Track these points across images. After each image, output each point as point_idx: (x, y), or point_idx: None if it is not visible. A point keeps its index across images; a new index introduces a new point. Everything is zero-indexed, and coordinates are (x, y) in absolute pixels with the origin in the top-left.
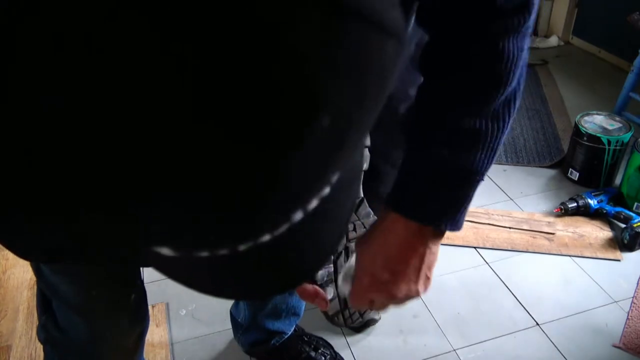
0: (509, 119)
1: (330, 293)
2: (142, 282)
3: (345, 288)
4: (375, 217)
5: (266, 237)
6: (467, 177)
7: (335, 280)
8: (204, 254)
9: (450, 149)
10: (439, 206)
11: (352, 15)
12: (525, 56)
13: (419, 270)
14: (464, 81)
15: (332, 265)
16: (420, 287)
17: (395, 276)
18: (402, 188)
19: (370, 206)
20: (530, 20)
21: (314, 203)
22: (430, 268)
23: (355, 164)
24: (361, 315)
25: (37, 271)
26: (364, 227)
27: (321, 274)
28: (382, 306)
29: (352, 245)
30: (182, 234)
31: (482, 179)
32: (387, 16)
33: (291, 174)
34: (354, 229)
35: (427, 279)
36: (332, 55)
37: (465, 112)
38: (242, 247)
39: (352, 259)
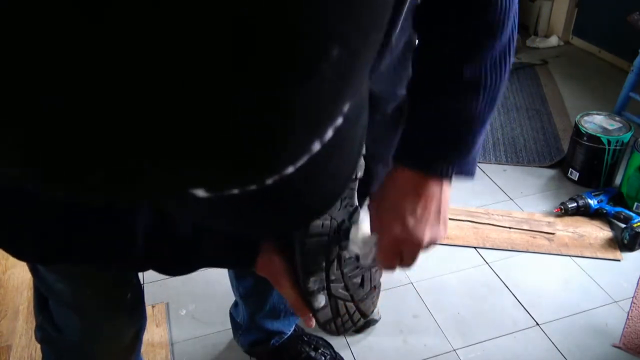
0: (506, 66)
1: (322, 301)
2: (138, 281)
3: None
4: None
5: (290, 169)
6: (469, 125)
7: (328, 288)
8: (235, 191)
9: (451, 98)
10: (442, 155)
11: None
12: (516, 5)
13: (438, 213)
14: (460, 32)
15: (323, 273)
16: (442, 229)
17: (419, 220)
18: (407, 141)
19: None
20: None
21: (329, 133)
22: (446, 210)
23: (362, 96)
24: (354, 323)
25: (33, 270)
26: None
27: (313, 281)
28: (410, 258)
29: (345, 253)
30: (217, 172)
31: (484, 128)
32: None
33: (307, 105)
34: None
35: (445, 220)
36: None
37: (465, 61)
38: (269, 181)
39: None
